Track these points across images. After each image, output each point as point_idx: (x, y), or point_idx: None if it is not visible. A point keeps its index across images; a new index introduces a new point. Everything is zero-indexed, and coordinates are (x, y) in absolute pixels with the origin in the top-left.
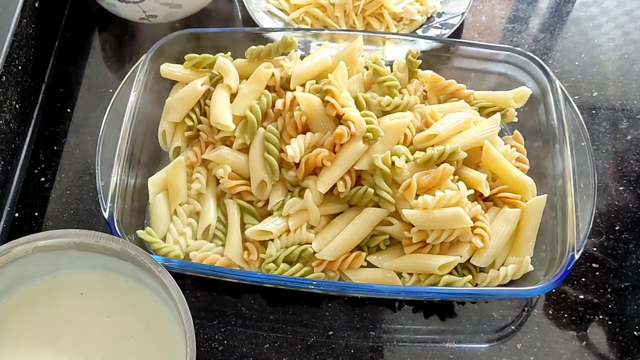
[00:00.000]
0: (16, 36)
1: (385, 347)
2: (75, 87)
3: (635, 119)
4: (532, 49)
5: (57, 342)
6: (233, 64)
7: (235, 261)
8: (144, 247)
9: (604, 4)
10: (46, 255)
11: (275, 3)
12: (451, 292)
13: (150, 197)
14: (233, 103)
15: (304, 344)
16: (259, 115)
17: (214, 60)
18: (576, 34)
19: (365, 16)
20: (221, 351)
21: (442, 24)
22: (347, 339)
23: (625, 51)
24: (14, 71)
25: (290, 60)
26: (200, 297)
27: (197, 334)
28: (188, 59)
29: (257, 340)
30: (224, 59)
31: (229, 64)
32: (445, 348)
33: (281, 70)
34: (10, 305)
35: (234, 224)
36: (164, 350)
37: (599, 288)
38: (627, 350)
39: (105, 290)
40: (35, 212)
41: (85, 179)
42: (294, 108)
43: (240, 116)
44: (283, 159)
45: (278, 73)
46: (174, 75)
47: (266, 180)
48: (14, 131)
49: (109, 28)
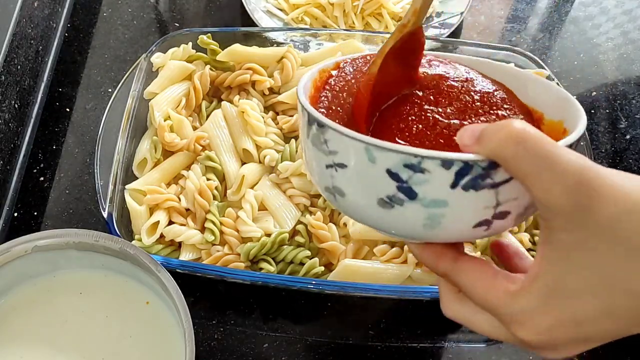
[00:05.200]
0: (15, 36)
1: (384, 346)
2: (74, 86)
3: (634, 118)
4: (531, 48)
5: (56, 341)
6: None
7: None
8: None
9: (603, 4)
10: (45, 255)
11: (274, 3)
12: None
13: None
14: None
15: (303, 344)
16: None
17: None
18: (575, 33)
19: (365, 16)
20: (220, 350)
21: (441, 24)
22: (346, 338)
23: (624, 51)
24: (13, 71)
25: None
26: (199, 297)
27: (196, 333)
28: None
29: (256, 339)
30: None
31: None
32: (445, 348)
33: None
34: (9, 305)
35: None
36: (163, 350)
37: None
38: (627, 349)
39: (105, 290)
40: (34, 212)
41: (84, 178)
42: None
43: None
44: None
45: None
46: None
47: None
48: (12, 131)
49: (108, 28)
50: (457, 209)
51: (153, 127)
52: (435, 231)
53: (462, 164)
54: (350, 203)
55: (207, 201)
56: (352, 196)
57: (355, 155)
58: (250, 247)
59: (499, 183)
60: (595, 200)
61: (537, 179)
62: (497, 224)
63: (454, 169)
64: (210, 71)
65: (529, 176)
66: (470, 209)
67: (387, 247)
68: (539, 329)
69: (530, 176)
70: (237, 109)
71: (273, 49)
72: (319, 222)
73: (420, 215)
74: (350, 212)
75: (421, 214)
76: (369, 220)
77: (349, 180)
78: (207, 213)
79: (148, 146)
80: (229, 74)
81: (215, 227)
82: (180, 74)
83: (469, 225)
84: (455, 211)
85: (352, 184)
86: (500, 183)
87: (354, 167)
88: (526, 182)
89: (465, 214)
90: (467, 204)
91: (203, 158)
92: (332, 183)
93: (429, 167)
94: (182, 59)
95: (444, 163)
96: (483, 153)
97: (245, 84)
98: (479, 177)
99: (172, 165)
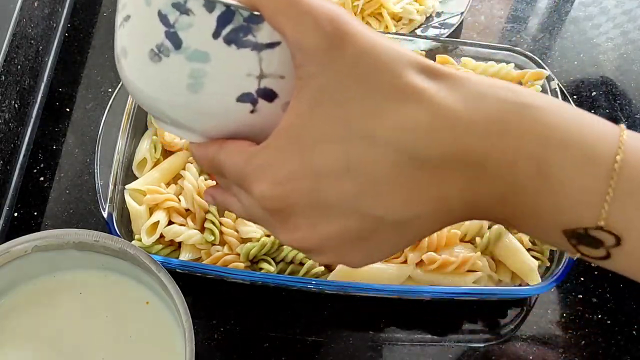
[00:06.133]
0: (15, 36)
1: (384, 346)
2: (74, 86)
3: (634, 118)
4: (530, 48)
5: (56, 342)
6: None
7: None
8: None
9: (603, 4)
10: (45, 255)
11: None
12: (450, 292)
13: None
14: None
15: (303, 344)
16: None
17: None
18: (575, 33)
19: (365, 16)
20: (220, 350)
21: (441, 24)
22: (346, 338)
23: (624, 51)
24: (12, 71)
25: None
26: (199, 297)
27: (196, 333)
28: None
29: (256, 339)
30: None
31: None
32: (445, 347)
33: None
34: (9, 305)
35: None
36: (163, 350)
37: (597, 287)
38: (626, 349)
39: (105, 290)
40: (34, 212)
41: (84, 178)
42: None
43: None
44: None
45: None
46: None
47: None
48: (12, 131)
49: (109, 28)
50: (219, 66)
51: (153, 126)
52: (199, 96)
53: (223, 8)
54: (129, 62)
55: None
56: (130, 51)
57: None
58: (250, 247)
59: (262, 45)
60: (347, 39)
61: (293, 19)
62: (264, 107)
63: (215, 12)
64: None
65: (283, 16)
66: (233, 70)
67: None
68: (274, 178)
69: (285, 17)
70: None
71: None
72: None
73: (184, 70)
74: (128, 76)
75: (185, 69)
76: (141, 83)
77: (130, 32)
78: (206, 213)
79: (148, 146)
80: None
81: (215, 227)
82: None
83: (232, 97)
84: (217, 69)
85: (131, 35)
86: (264, 46)
87: (134, 13)
88: (281, 23)
89: (228, 76)
90: (228, 63)
91: None
92: (120, 44)
93: (192, 7)
94: None
95: (206, 3)
96: (245, 1)
97: None
98: (240, 29)
99: (171, 165)
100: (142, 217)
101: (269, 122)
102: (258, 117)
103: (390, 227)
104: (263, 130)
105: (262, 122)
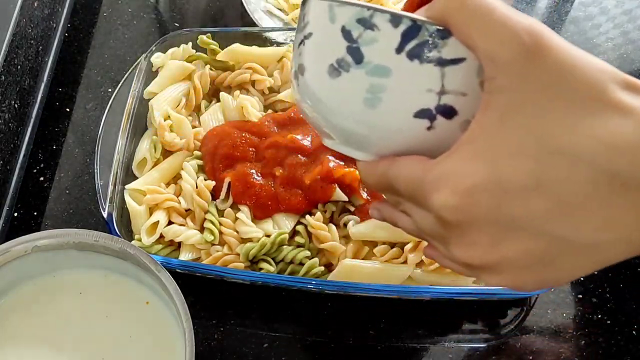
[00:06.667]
0: (15, 36)
1: (384, 346)
2: (74, 86)
3: None
4: None
5: (56, 342)
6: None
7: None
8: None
9: (603, 4)
10: (45, 255)
11: (274, 3)
12: (450, 292)
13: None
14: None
15: (303, 344)
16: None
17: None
18: (575, 33)
19: None
20: (220, 350)
21: None
22: (346, 338)
23: (624, 51)
24: (12, 71)
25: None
26: (199, 297)
27: (196, 333)
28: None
29: (256, 339)
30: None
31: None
32: (445, 347)
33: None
34: (9, 305)
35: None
36: (163, 350)
37: (597, 287)
38: (627, 349)
39: (105, 290)
40: (34, 212)
41: (84, 178)
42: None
43: None
44: None
45: None
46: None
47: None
48: (12, 130)
49: (108, 28)
50: (399, 81)
51: (153, 126)
52: (375, 111)
53: (410, 23)
54: (306, 78)
55: (205, 201)
56: (308, 67)
57: (320, 17)
58: (250, 247)
59: (446, 60)
60: (546, 52)
61: (486, 30)
62: (441, 124)
63: (401, 27)
64: (210, 71)
65: (476, 28)
66: (413, 86)
67: (387, 248)
68: (457, 188)
69: (478, 29)
70: (236, 102)
71: (273, 49)
72: (318, 222)
73: (363, 85)
74: (303, 91)
75: (364, 84)
76: (316, 98)
77: (310, 49)
78: (206, 213)
79: (148, 146)
80: (228, 74)
81: (215, 227)
82: (180, 74)
83: (409, 112)
84: (397, 84)
85: (311, 52)
86: (448, 61)
87: (317, 31)
88: (473, 35)
89: (407, 91)
90: (409, 78)
91: (193, 158)
92: (299, 61)
93: (378, 23)
94: (182, 59)
95: (392, 18)
96: (432, 16)
97: (245, 84)
98: (425, 44)
99: (171, 165)
100: (142, 217)
101: (444, 140)
102: (433, 135)
103: (577, 251)
104: (437, 148)
105: (436, 140)
